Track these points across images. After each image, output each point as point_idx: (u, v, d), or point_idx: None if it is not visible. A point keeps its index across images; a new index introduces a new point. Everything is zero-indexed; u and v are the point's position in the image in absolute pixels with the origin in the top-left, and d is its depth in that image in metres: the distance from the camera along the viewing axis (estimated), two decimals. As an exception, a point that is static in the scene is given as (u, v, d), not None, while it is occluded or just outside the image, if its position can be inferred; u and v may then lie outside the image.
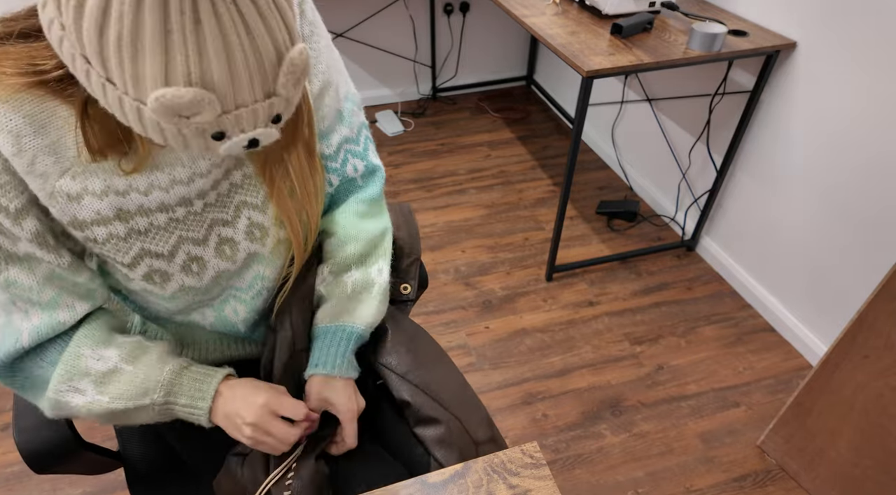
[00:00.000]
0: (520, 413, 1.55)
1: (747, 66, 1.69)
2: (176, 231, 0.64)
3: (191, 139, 0.46)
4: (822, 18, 1.44)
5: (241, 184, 0.67)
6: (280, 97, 0.47)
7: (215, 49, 0.41)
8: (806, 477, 1.37)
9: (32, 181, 0.54)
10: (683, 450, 1.47)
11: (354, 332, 0.75)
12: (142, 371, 0.65)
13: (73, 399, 0.63)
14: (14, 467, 1.42)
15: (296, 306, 0.76)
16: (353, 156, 0.79)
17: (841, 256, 1.53)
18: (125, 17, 0.39)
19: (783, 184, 1.66)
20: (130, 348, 0.66)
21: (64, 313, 0.62)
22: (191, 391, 0.66)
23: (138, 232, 0.61)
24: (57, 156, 0.54)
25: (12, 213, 0.54)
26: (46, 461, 0.72)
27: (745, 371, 1.67)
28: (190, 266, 0.66)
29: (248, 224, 0.69)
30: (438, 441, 0.74)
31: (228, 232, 0.68)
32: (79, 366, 0.63)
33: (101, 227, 0.59)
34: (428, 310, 1.85)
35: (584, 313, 1.84)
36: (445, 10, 2.76)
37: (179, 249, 0.65)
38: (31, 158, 0.53)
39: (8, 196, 0.53)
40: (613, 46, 1.52)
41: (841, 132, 1.45)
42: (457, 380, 0.83)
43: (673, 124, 2.07)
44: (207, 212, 0.65)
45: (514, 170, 2.51)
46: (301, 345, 0.75)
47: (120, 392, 0.64)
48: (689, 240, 2.07)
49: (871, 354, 1.13)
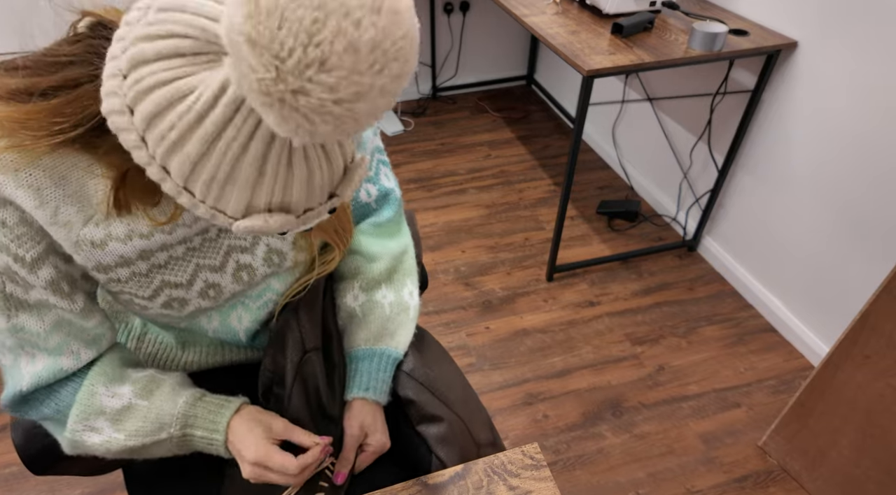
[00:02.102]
0: (520, 413, 1.55)
1: (748, 66, 1.68)
2: (193, 259, 0.64)
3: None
4: (823, 18, 1.43)
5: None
6: (339, 197, 0.49)
7: (299, 183, 0.44)
8: (807, 478, 1.36)
9: (56, 231, 0.54)
10: (684, 451, 1.46)
11: (397, 358, 0.78)
12: (156, 406, 0.65)
13: (90, 438, 0.63)
14: (13, 467, 1.41)
15: (303, 309, 0.75)
16: (366, 181, 0.80)
17: (843, 256, 1.52)
18: (224, 165, 0.41)
19: (785, 183, 1.66)
20: (144, 383, 0.66)
21: (67, 360, 0.62)
22: (205, 423, 0.66)
23: (159, 266, 0.62)
24: (80, 205, 0.54)
25: (28, 263, 0.54)
26: (44, 462, 0.71)
27: (746, 371, 1.66)
28: (207, 292, 0.67)
29: (267, 250, 0.69)
30: (441, 439, 0.74)
31: (247, 258, 0.68)
32: (94, 404, 0.63)
33: (124, 269, 0.60)
34: (428, 310, 1.85)
35: (584, 313, 1.84)
36: (445, 10, 2.76)
37: (197, 277, 0.65)
38: (53, 210, 0.53)
39: (25, 247, 0.54)
40: (614, 46, 1.52)
41: (842, 131, 1.44)
42: (460, 382, 0.83)
43: (674, 124, 2.06)
44: (223, 238, 0.66)
45: (515, 169, 2.50)
46: (312, 345, 0.74)
47: (136, 428, 0.64)
48: (690, 240, 2.07)
49: (872, 354, 1.12)
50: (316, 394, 0.74)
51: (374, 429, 0.75)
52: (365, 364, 0.76)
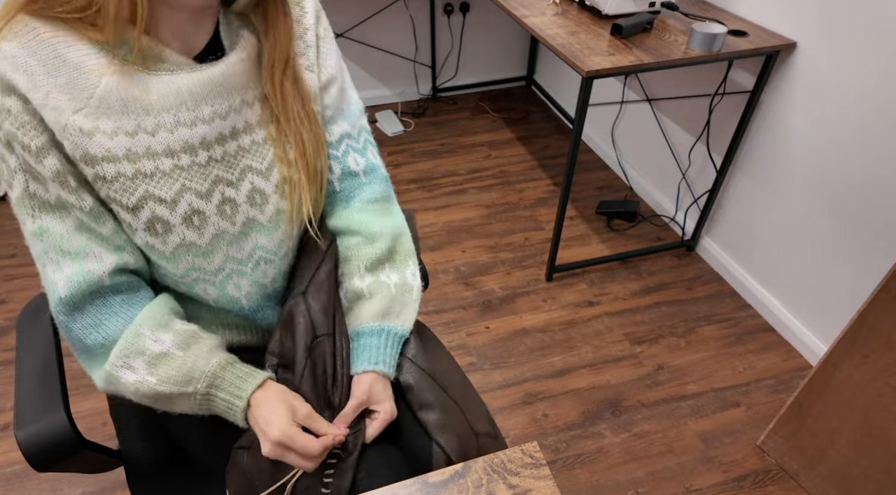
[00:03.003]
0: (520, 413, 1.56)
1: (747, 67, 1.69)
2: (179, 179, 0.67)
3: None
4: (822, 18, 1.44)
5: (248, 149, 0.71)
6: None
7: None
8: (806, 477, 1.37)
9: (48, 114, 0.59)
10: (683, 450, 1.47)
11: (403, 335, 0.79)
12: (190, 359, 0.68)
13: (126, 375, 0.67)
14: (14, 467, 1.42)
15: (311, 294, 0.77)
16: (353, 151, 0.82)
17: (841, 256, 1.53)
18: None
19: (783, 184, 1.66)
20: (185, 336, 0.69)
21: (93, 263, 0.66)
22: (231, 387, 0.68)
23: (144, 174, 0.64)
24: (70, 95, 0.59)
25: (34, 151, 0.60)
26: (47, 459, 0.72)
27: (745, 371, 1.67)
28: (191, 218, 0.68)
29: (251, 189, 0.72)
30: (441, 426, 0.74)
31: (231, 192, 0.71)
32: (137, 344, 0.67)
33: (111, 165, 0.63)
34: (428, 310, 1.85)
35: (583, 313, 1.85)
36: (445, 11, 2.76)
37: (182, 198, 0.67)
38: (45, 93, 0.58)
39: (29, 134, 0.59)
40: (613, 46, 1.52)
41: (841, 131, 1.45)
42: (460, 375, 0.84)
43: (673, 124, 2.07)
44: (212, 166, 0.69)
45: (514, 170, 2.51)
46: (323, 331, 0.75)
47: (168, 375, 0.67)
48: (688, 240, 2.07)
49: (871, 354, 1.13)
50: (323, 380, 0.74)
51: (384, 397, 0.75)
52: (373, 339, 0.77)
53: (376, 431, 0.74)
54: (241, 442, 0.75)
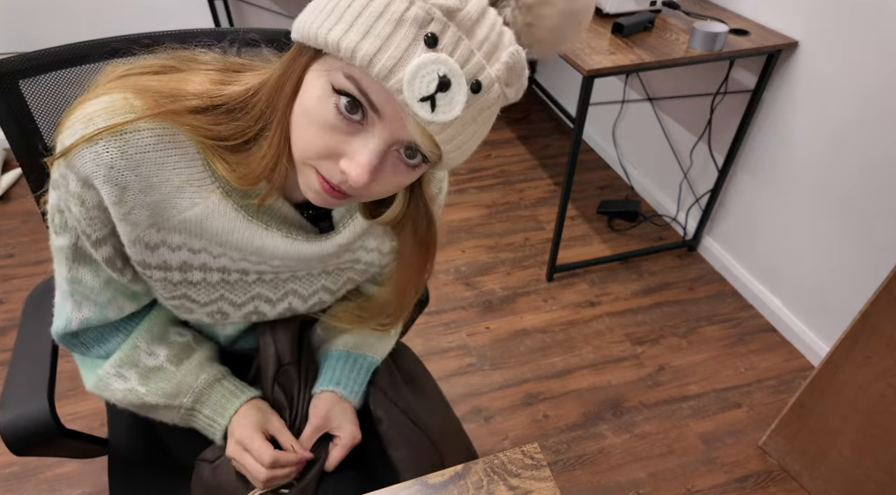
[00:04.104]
0: (520, 413, 1.55)
1: (749, 66, 1.68)
2: (220, 290, 0.66)
3: (398, 32, 0.43)
4: (824, 17, 1.43)
5: (299, 277, 0.70)
6: (478, 61, 0.45)
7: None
8: (808, 478, 1.36)
9: (122, 227, 0.56)
10: (685, 451, 1.46)
11: (374, 364, 0.78)
12: (181, 373, 0.69)
13: (116, 384, 0.68)
14: (14, 467, 1.42)
15: (279, 323, 0.75)
16: None
17: (843, 256, 1.52)
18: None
19: (785, 183, 1.66)
20: (178, 350, 0.71)
21: (113, 312, 0.67)
22: (215, 405, 0.70)
23: (190, 282, 0.64)
24: (152, 212, 0.56)
25: (93, 241, 0.58)
26: (26, 443, 0.73)
27: (746, 371, 1.66)
28: (215, 315, 0.69)
29: (287, 308, 0.72)
30: (408, 465, 0.73)
31: (265, 308, 0.71)
32: (132, 356, 0.68)
33: (160, 272, 0.62)
34: (428, 310, 1.85)
35: (584, 313, 1.84)
36: (446, 10, 2.75)
37: (215, 304, 0.67)
38: (128, 209, 0.55)
39: (94, 227, 0.56)
40: (614, 45, 1.52)
41: (843, 131, 1.44)
42: (442, 408, 0.82)
43: (674, 124, 2.06)
44: (256, 286, 0.68)
45: (515, 169, 2.50)
46: (288, 360, 0.75)
47: (158, 388, 0.68)
48: (690, 240, 2.07)
49: (873, 355, 1.12)
50: (293, 404, 0.75)
51: (343, 421, 0.73)
52: (340, 362, 0.76)
53: (337, 458, 0.73)
54: (205, 454, 0.74)
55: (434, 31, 0.42)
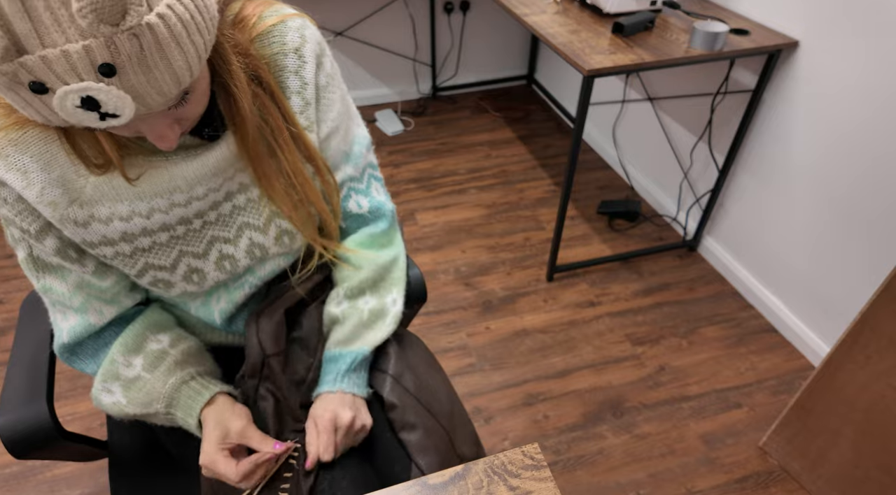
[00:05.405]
0: (520, 414, 1.55)
1: (749, 65, 1.68)
2: (177, 246, 0.69)
3: (19, 96, 0.43)
4: (825, 17, 1.43)
5: (244, 207, 0.71)
6: (98, 40, 0.40)
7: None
8: (808, 478, 1.36)
9: (44, 209, 0.60)
10: (685, 451, 1.46)
11: (360, 354, 0.79)
12: (151, 381, 0.72)
13: (105, 398, 0.72)
14: (13, 467, 1.41)
15: (264, 315, 0.78)
16: (356, 193, 0.81)
17: (843, 256, 1.52)
18: None
19: (785, 183, 1.66)
20: (153, 358, 0.73)
21: (94, 317, 0.70)
22: (184, 406, 0.73)
23: (142, 250, 0.67)
24: (63, 189, 0.60)
25: (34, 234, 0.62)
26: (25, 447, 0.74)
27: (746, 372, 1.66)
28: (191, 276, 0.72)
29: (249, 244, 0.73)
30: (422, 447, 0.74)
31: (229, 249, 0.72)
32: (112, 370, 0.71)
33: (109, 247, 0.65)
34: (428, 310, 1.85)
35: (585, 314, 1.84)
36: (446, 9, 2.76)
37: (181, 262, 0.70)
38: (39, 189, 0.59)
39: (27, 220, 0.61)
40: (614, 45, 1.51)
41: (843, 131, 1.44)
42: (447, 394, 0.83)
43: (674, 124, 2.06)
44: (207, 229, 0.70)
45: (515, 169, 2.50)
46: (272, 350, 0.77)
47: (135, 398, 0.71)
48: (690, 241, 2.07)
49: (873, 355, 1.12)
50: (281, 394, 0.77)
51: (351, 410, 0.74)
52: (332, 365, 0.77)
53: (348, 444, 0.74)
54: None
55: (33, 79, 0.41)
